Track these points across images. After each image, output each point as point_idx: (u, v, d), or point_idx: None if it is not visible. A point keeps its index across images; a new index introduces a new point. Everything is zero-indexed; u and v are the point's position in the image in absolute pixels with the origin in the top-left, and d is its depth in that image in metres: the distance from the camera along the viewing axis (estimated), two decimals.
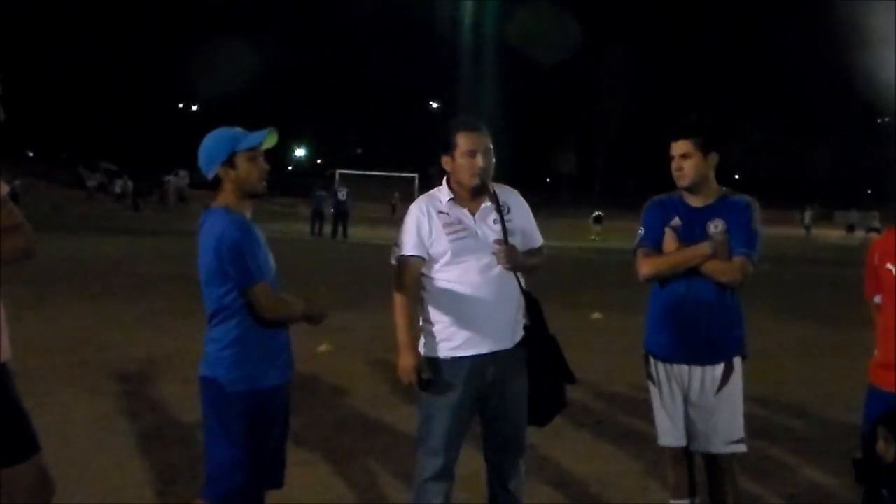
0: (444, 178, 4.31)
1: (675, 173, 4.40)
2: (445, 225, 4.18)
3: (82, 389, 7.89)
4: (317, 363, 9.16)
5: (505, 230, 4.20)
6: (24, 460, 3.74)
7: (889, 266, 3.99)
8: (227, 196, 3.87)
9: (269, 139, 3.90)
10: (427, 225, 4.19)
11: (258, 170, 3.86)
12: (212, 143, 3.87)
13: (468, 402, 4.18)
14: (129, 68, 73.53)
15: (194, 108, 79.98)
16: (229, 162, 3.82)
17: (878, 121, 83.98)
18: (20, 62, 62.76)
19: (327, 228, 33.52)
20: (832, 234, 53.07)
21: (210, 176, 3.87)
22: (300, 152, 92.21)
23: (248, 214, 3.91)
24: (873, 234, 46.91)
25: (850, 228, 53.85)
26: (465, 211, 4.22)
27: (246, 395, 3.77)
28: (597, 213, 42.63)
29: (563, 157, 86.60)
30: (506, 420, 4.25)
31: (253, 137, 3.86)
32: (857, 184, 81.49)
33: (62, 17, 70.64)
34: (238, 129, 3.90)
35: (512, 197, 4.35)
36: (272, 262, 3.94)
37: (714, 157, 4.39)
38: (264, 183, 3.90)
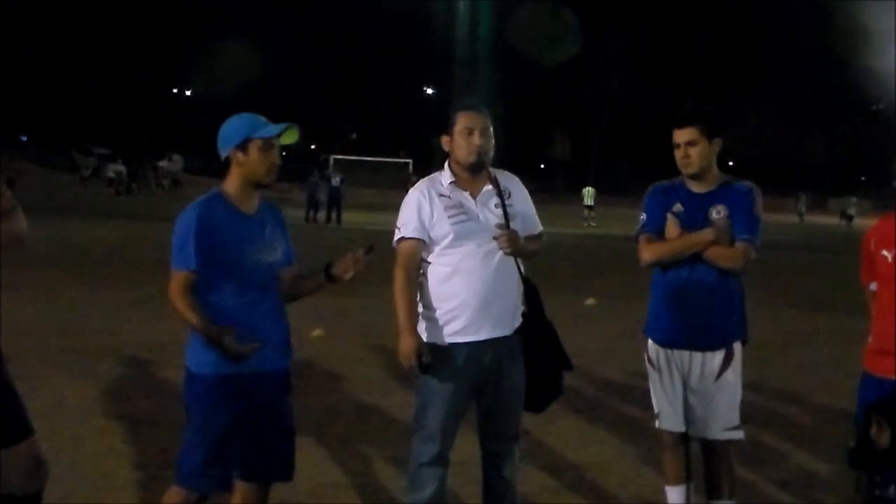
0: (446, 162, 4.30)
1: (680, 161, 4.38)
2: (447, 208, 4.16)
3: (75, 374, 7.87)
4: (310, 348, 9.15)
5: (506, 215, 4.18)
6: (18, 442, 3.74)
7: (885, 253, 3.99)
8: (231, 180, 3.88)
9: (289, 135, 3.92)
10: (428, 207, 4.16)
11: (268, 161, 3.85)
12: (230, 126, 3.89)
13: (465, 389, 4.16)
14: (123, 53, 73.21)
15: (188, 93, 79.69)
16: (242, 147, 3.83)
17: (873, 108, 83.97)
18: (13, 46, 62.50)
19: (321, 214, 33.44)
20: (826, 222, 53.07)
21: (223, 157, 3.88)
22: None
23: (253, 203, 3.90)
24: (845, 221, 47.31)
25: (843, 216, 53.74)
26: (467, 195, 4.21)
27: (214, 380, 3.71)
28: (588, 202, 41.45)
29: (558, 143, 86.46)
30: (502, 407, 4.23)
31: (269, 129, 3.86)
32: (851, 171, 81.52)
33: (57, 2, 70.29)
34: (260, 118, 3.91)
35: (513, 182, 4.34)
36: (254, 260, 3.81)
37: (718, 143, 4.40)
38: (273, 175, 3.88)
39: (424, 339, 4.13)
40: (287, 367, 3.96)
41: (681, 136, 4.37)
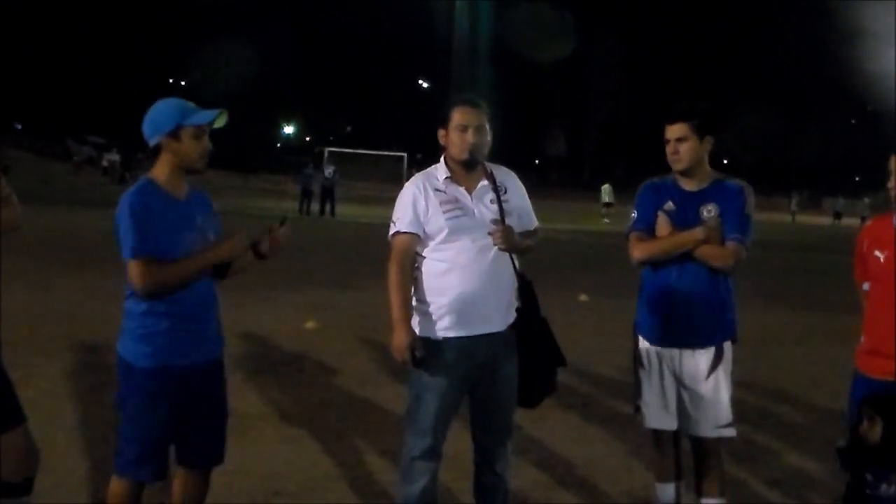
0: (442, 156, 4.28)
1: (670, 157, 4.39)
2: (442, 203, 4.15)
3: (69, 362, 7.88)
4: (303, 341, 9.17)
5: (502, 210, 4.17)
6: (9, 429, 3.75)
7: (877, 253, 4.01)
8: (161, 167, 3.78)
9: (219, 120, 3.83)
10: (423, 202, 4.15)
11: (201, 147, 3.78)
12: (159, 113, 3.79)
13: (458, 384, 4.16)
14: (119, 41, 73.02)
15: (183, 83, 79.49)
16: (173, 134, 3.74)
17: (868, 108, 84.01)
18: (8, 34, 62.29)
19: (315, 206, 33.43)
20: (819, 221, 53.15)
21: (151, 144, 3.78)
22: (289, 129, 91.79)
23: (184, 189, 3.83)
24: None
25: (838, 216, 53.86)
26: (462, 190, 4.20)
27: (154, 372, 3.69)
28: (606, 199, 41.18)
29: (553, 139, 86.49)
30: (495, 403, 4.24)
31: (202, 115, 3.78)
32: (845, 171, 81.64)
33: None
34: (189, 103, 3.83)
35: (509, 178, 4.33)
36: (190, 247, 3.76)
37: (709, 141, 4.39)
38: (205, 161, 3.82)
39: (417, 333, 4.12)
40: (221, 355, 3.97)
41: (671, 131, 4.38)
